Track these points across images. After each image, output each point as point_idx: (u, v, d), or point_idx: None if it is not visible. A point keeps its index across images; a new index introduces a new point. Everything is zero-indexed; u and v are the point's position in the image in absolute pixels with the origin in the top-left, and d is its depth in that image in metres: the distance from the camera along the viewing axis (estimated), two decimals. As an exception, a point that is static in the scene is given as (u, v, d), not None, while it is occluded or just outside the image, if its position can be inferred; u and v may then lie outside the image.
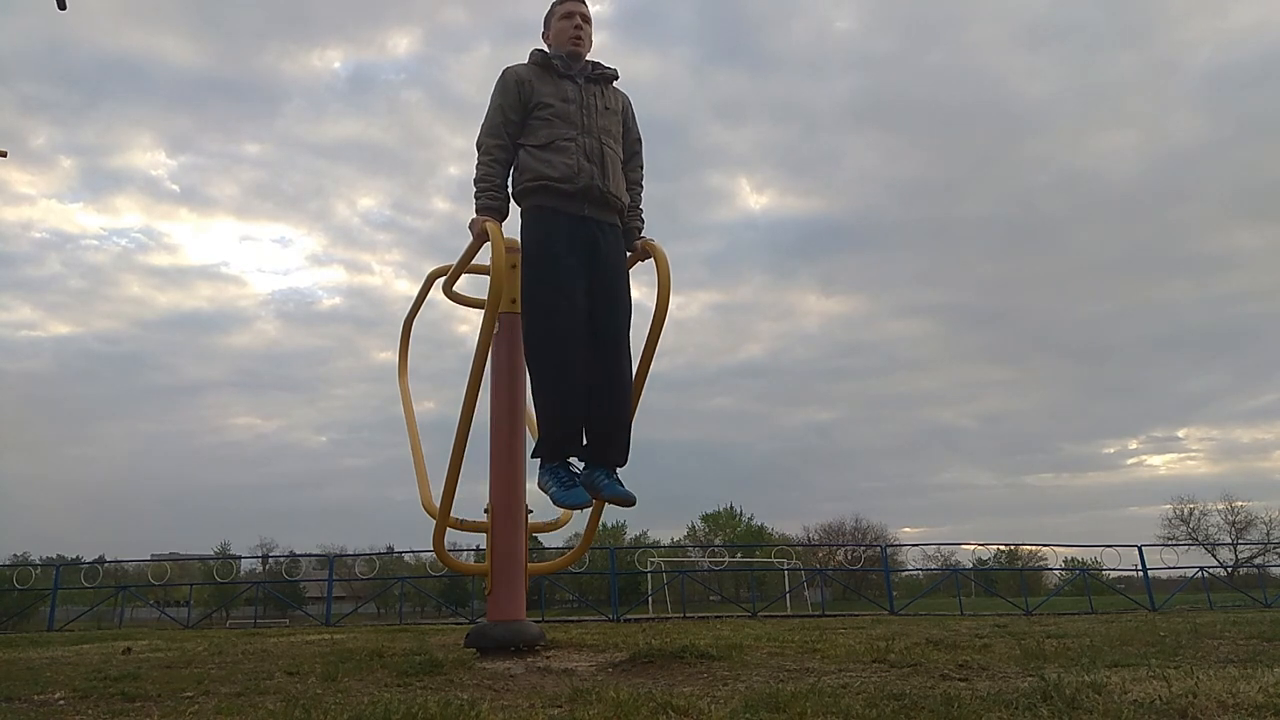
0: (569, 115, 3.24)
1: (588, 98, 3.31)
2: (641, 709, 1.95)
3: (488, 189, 3.26)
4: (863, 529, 48.65)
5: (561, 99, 3.26)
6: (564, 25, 3.37)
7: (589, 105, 3.29)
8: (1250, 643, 3.63)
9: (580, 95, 3.30)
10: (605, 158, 3.25)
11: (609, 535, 42.16)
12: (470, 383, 3.16)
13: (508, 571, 3.55)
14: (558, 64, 3.33)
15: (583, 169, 3.18)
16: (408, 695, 2.34)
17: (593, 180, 3.19)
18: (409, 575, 24.93)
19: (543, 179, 3.18)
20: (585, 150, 3.21)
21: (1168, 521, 45.15)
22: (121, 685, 2.70)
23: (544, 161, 3.18)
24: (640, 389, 3.33)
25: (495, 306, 3.06)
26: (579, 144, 3.21)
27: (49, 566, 20.03)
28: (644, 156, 3.60)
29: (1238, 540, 42.15)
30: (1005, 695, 2.05)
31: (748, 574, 27.92)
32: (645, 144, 3.59)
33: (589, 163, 3.20)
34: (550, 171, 3.17)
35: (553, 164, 3.17)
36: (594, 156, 3.22)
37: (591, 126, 3.26)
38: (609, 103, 3.38)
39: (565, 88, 3.29)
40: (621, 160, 3.38)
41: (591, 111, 3.29)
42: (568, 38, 3.36)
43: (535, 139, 3.24)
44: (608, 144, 3.29)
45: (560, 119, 3.23)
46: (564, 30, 3.37)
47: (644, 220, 3.53)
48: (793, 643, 3.89)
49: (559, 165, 3.17)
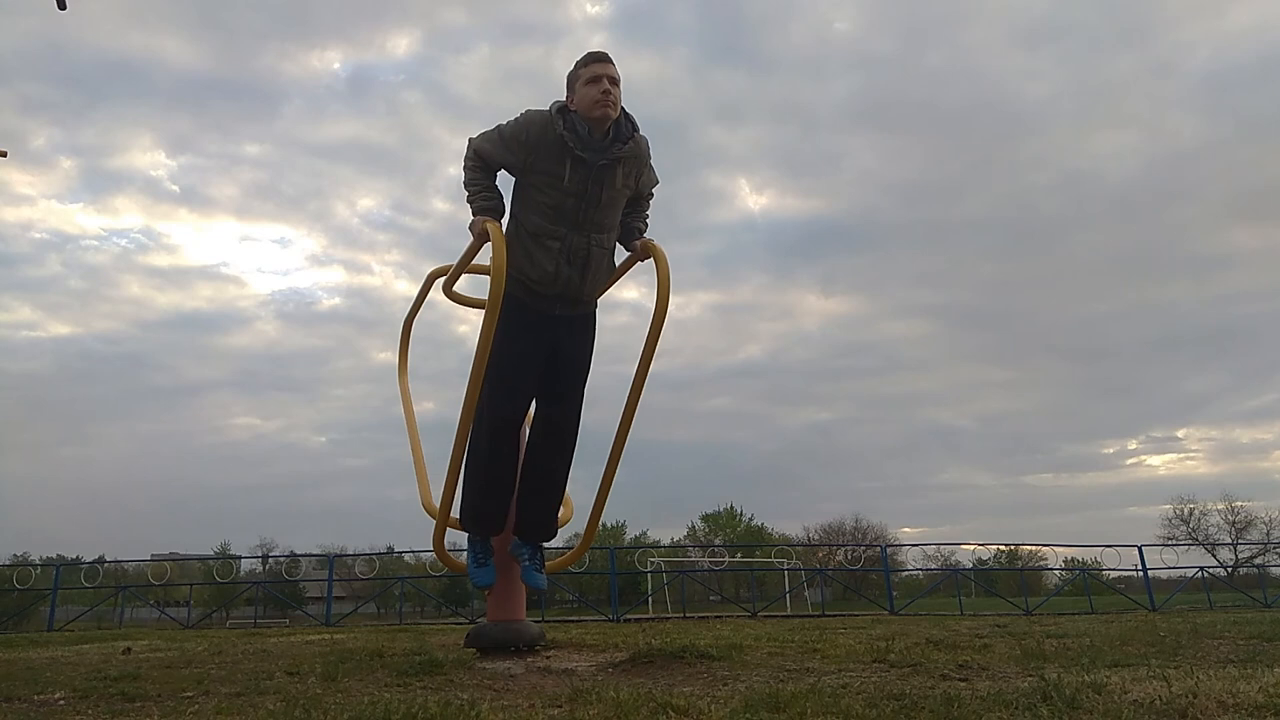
0: (564, 211, 3.16)
1: (592, 189, 3.15)
2: (641, 709, 1.95)
3: (480, 191, 3.26)
4: (863, 529, 48.66)
5: (562, 191, 3.13)
6: (589, 92, 3.09)
7: (589, 198, 3.16)
8: (1250, 643, 3.63)
9: (585, 186, 3.14)
10: (590, 258, 3.23)
11: (609, 535, 42.16)
12: (471, 383, 3.16)
13: (507, 572, 3.55)
14: (573, 145, 3.10)
15: (560, 275, 3.20)
16: (408, 695, 2.34)
17: (568, 287, 3.24)
18: (409, 575, 24.93)
19: (521, 275, 3.21)
20: (570, 252, 3.19)
21: (1168, 521, 45.19)
22: (121, 685, 2.70)
23: (526, 256, 3.19)
24: (639, 390, 3.33)
25: (495, 307, 3.06)
26: (565, 244, 3.18)
27: (49, 566, 20.02)
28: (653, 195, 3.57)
29: (1238, 540, 42.19)
30: (1005, 695, 2.05)
31: (748, 574, 27.92)
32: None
33: (569, 267, 3.20)
34: (530, 271, 3.20)
35: (534, 262, 3.19)
36: (577, 259, 3.21)
37: (585, 223, 3.19)
38: (615, 190, 3.23)
39: (572, 179, 3.12)
40: (609, 251, 3.35)
41: (592, 205, 3.18)
42: (592, 103, 3.09)
43: (526, 218, 3.21)
44: (596, 242, 3.24)
45: (555, 212, 3.16)
46: (588, 97, 3.10)
47: (648, 223, 3.53)
48: (793, 643, 3.89)
49: (539, 266, 3.19)
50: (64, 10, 4.41)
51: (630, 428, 3.38)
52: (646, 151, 3.31)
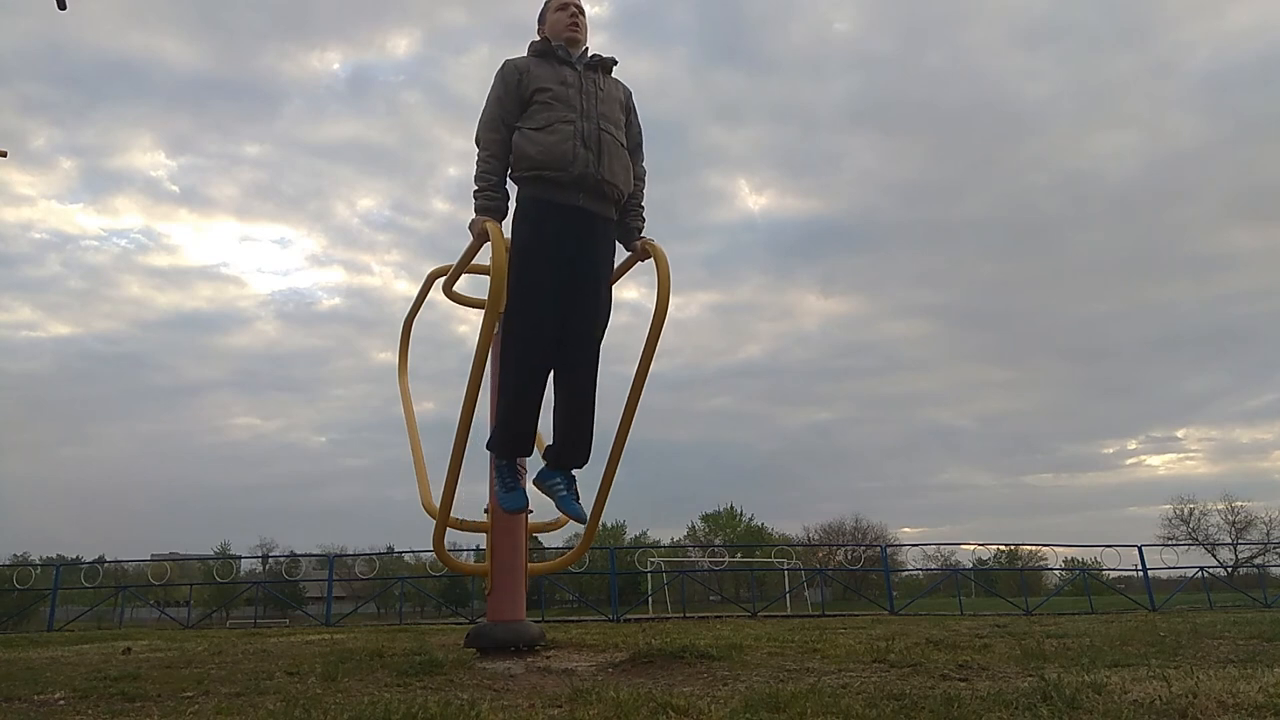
0: (568, 98, 3.21)
1: (587, 83, 3.28)
2: (641, 709, 1.95)
3: (486, 188, 3.24)
4: (863, 529, 48.63)
5: (560, 83, 3.24)
6: (559, 17, 3.38)
7: (588, 90, 3.27)
8: (1250, 643, 3.63)
9: (579, 80, 3.28)
10: (603, 144, 3.21)
11: (609, 535, 42.14)
12: (470, 383, 3.16)
13: (508, 571, 3.55)
14: (558, 51, 3.33)
15: (578, 155, 3.14)
16: (408, 695, 2.34)
17: (588, 168, 3.14)
18: (409, 575, 24.90)
19: (537, 167, 3.15)
20: (583, 135, 3.17)
21: (1168, 521, 45.16)
22: (121, 685, 2.70)
23: (539, 146, 3.15)
24: (640, 389, 3.33)
25: (495, 307, 3.05)
26: (576, 128, 3.17)
27: (49, 566, 20.00)
28: (644, 152, 3.56)
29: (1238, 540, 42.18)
30: (1005, 695, 2.05)
31: (748, 574, 27.91)
32: (645, 144, 3.57)
33: (585, 149, 3.16)
34: (544, 157, 3.13)
35: (548, 149, 3.14)
36: (591, 142, 3.18)
37: (590, 111, 3.23)
38: (609, 89, 3.36)
39: (564, 73, 3.27)
40: (623, 147, 3.33)
41: (591, 97, 3.26)
42: (564, 27, 3.36)
43: (533, 122, 3.22)
44: (607, 129, 3.24)
45: (559, 101, 3.21)
46: (559, 21, 3.37)
47: (644, 219, 3.51)
48: (793, 643, 3.89)
49: (554, 151, 3.13)
50: (64, 10, 4.41)
51: (630, 428, 3.38)
52: (630, 95, 3.49)
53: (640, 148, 3.52)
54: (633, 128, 3.48)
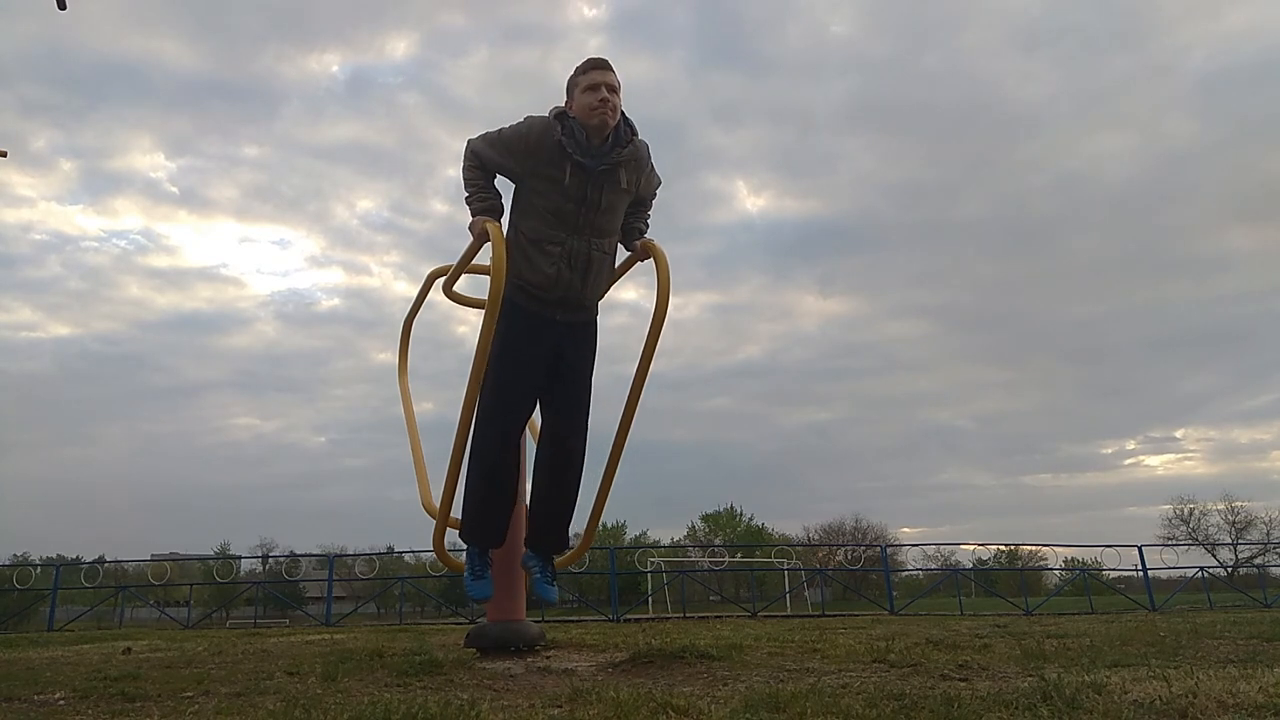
0: (564, 216, 3.14)
1: (592, 194, 3.15)
2: (641, 709, 1.95)
3: (477, 191, 3.25)
4: (863, 529, 48.65)
5: (563, 196, 3.12)
6: (588, 100, 3.09)
7: (589, 203, 3.16)
8: (1250, 643, 3.63)
9: (584, 192, 3.14)
10: (590, 263, 3.21)
11: (609, 535, 42.14)
12: (471, 383, 3.16)
13: (508, 571, 3.55)
14: (572, 150, 3.10)
15: (561, 279, 3.16)
16: (408, 695, 2.34)
17: (569, 291, 3.19)
18: (409, 575, 24.91)
19: (521, 278, 3.18)
20: (570, 256, 3.16)
21: (1168, 521, 45.18)
22: (121, 685, 2.69)
23: (527, 262, 3.17)
24: (640, 390, 3.33)
25: (495, 307, 3.06)
26: (565, 249, 3.15)
27: (49, 566, 20.00)
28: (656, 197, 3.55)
29: (1238, 540, 42.17)
30: (1005, 695, 2.05)
31: (748, 574, 27.91)
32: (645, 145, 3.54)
33: (570, 271, 3.17)
34: (531, 276, 3.17)
35: (535, 267, 3.16)
36: (578, 263, 3.18)
37: (584, 227, 3.17)
38: (616, 194, 3.22)
39: (571, 186, 3.12)
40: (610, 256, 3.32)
41: (590, 211, 3.16)
42: (591, 110, 3.09)
43: (525, 224, 3.19)
44: (596, 246, 3.21)
45: (555, 216, 3.14)
46: (587, 104, 3.09)
47: (649, 224, 3.52)
48: (793, 643, 3.89)
49: (540, 271, 3.15)
50: (64, 10, 4.41)
51: (630, 428, 3.38)
52: (647, 155, 3.31)
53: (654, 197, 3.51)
54: (651, 180, 3.42)
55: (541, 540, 3.41)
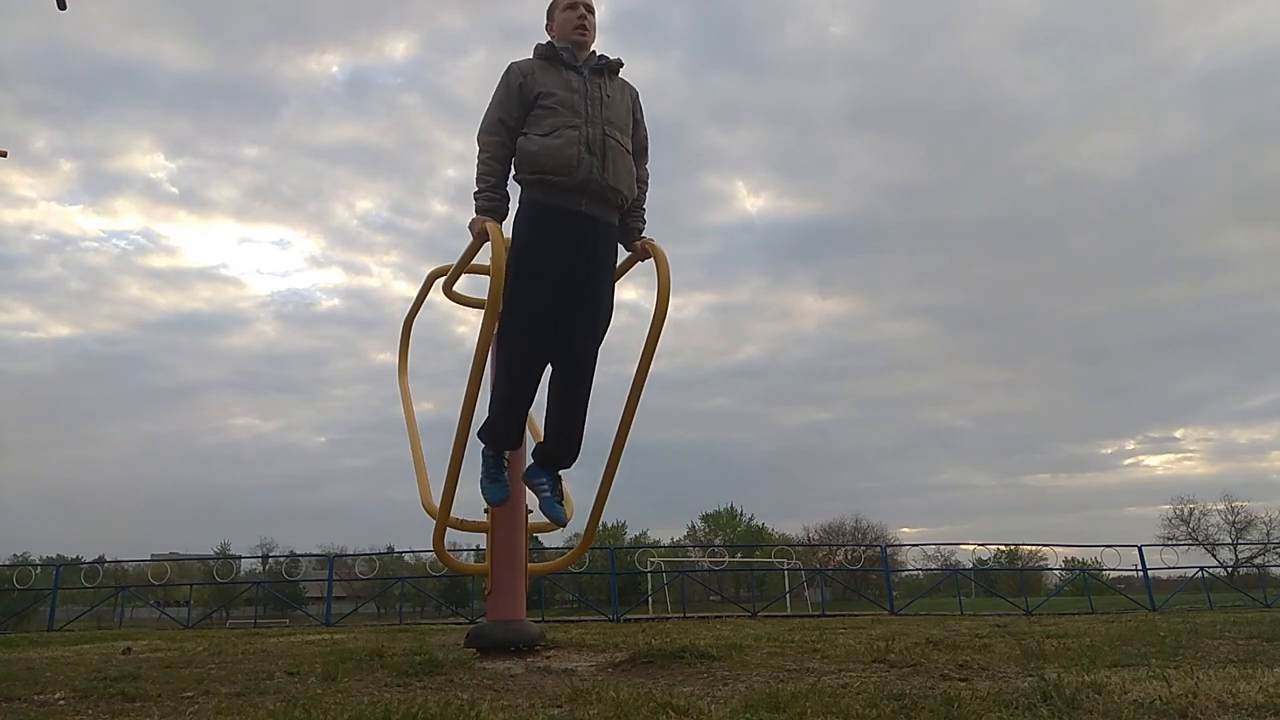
0: (573, 104, 3.19)
1: (592, 88, 3.26)
2: (641, 709, 1.95)
3: (486, 189, 3.23)
4: (863, 529, 48.61)
5: (565, 88, 3.22)
6: (568, 16, 3.35)
7: (593, 96, 3.24)
8: (1250, 643, 3.63)
9: (585, 85, 3.25)
10: (608, 149, 3.19)
11: (609, 535, 42.13)
12: (470, 383, 3.16)
13: (508, 571, 3.55)
14: (563, 54, 3.30)
15: (582, 160, 3.13)
16: (408, 695, 2.34)
17: (591, 173, 3.12)
18: (409, 575, 24.90)
19: (540, 171, 3.14)
20: (587, 140, 3.16)
21: (1168, 521, 45.16)
22: (121, 685, 2.70)
23: (543, 150, 3.14)
24: (640, 390, 3.33)
25: (495, 307, 3.05)
26: (581, 133, 3.16)
27: (49, 566, 19.99)
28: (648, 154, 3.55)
29: (1238, 540, 42.16)
30: (1005, 695, 2.05)
31: (748, 574, 27.91)
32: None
33: (589, 154, 3.14)
34: (548, 162, 3.11)
35: (552, 154, 3.12)
36: (596, 147, 3.17)
37: (595, 116, 3.20)
38: (615, 94, 3.33)
39: (569, 77, 3.25)
40: (628, 152, 3.31)
41: (596, 102, 3.23)
42: (571, 28, 3.33)
43: (538, 128, 3.20)
44: (612, 134, 3.23)
45: (564, 107, 3.19)
46: (568, 21, 3.34)
47: (645, 220, 3.51)
48: (793, 643, 3.89)
49: (558, 156, 3.12)
50: (64, 10, 4.40)
51: (630, 428, 3.38)
52: (636, 96, 3.47)
53: (645, 151, 3.51)
54: (639, 131, 3.46)
55: (552, 452, 3.32)
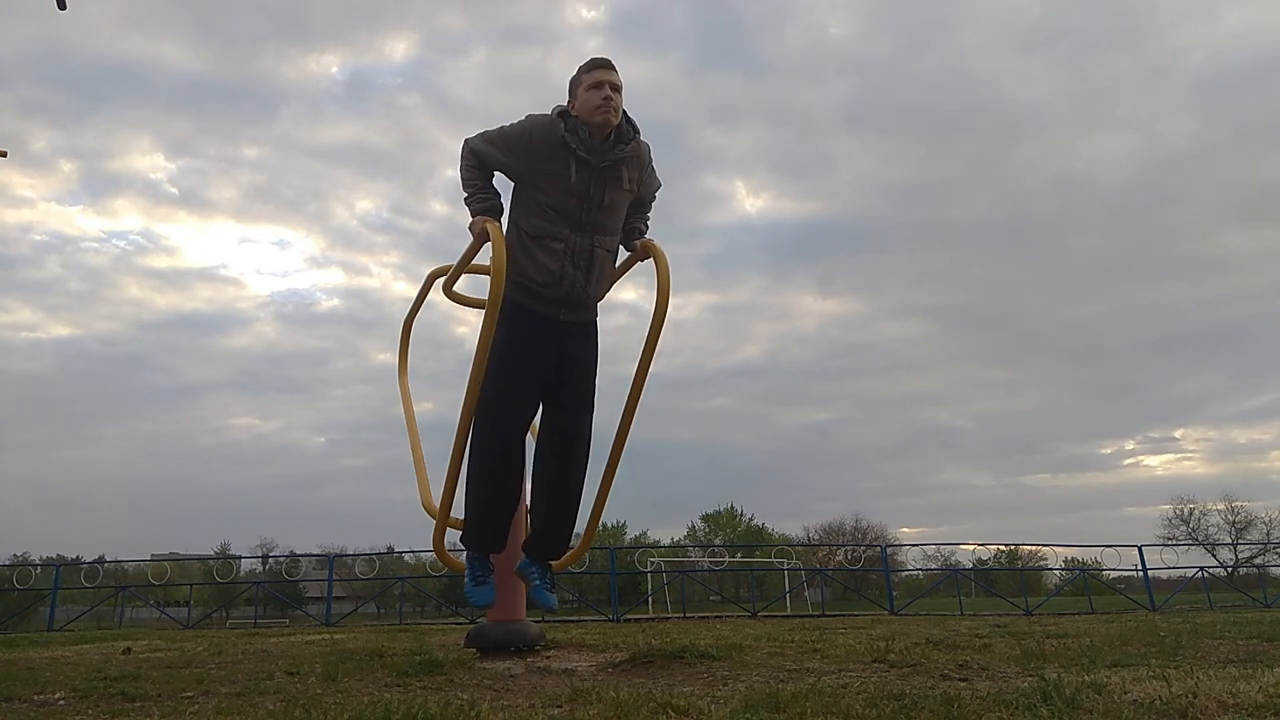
0: (567, 212, 3.13)
1: (595, 190, 3.15)
2: (641, 709, 1.95)
3: (476, 191, 3.24)
4: (863, 529, 48.67)
5: (566, 191, 3.12)
6: (591, 97, 3.12)
7: (592, 200, 3.15)
8: (1250, 643, 3.63)
9: (587, 188, 3.14)
10: (594, 259, 3.19)
11: (609, 535, 42.14)
12: (471, 383, 3.16)
13: (508, 571, 3.55)
14: (576, 146, 3.10)
15: (565, 275, 3.14)
16: (408, 695, 2.34)
17: (573, 288, 3.16)
18: (409, 575, 24.91)
19: (524, 277, 3.16)
20: (573, 253, 3.15)
21: (1168, 521, 45.20)
22: (121, 685, 2.70)
23: (529, 259, 3.15)
24: (640, 390, 3.33)
25: (495, 307, 3.05)
26: (569, 245, 3.14)
27: (49, 566, 20.00)
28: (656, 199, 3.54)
29: (1238, 540, 42.18)
30: (1005, 695, 2.05)
31: (748, 574, 27.92)
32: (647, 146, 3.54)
33: (574, 268, 3.15)
34: (534, 274, 3.14)
35: (537, 265, 3.13)
36: (581, 260, 3.17)
37: (587, 224, 3.16)
38: (618, 192, 3.22)
39: (573, 180, 3.12)
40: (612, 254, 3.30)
41: (593, 208, 3.16)
42: (594, 110, 3.10)
43: (527, 221, 3.17)
44: (599, 244, 3.20)
45: (557, 212, 3.13)
46: (590, 102, 3.11)
47: (649, 224, 3.52)
48: (793, 643, 3.89)
49: (543, 268, 3.13)
50: (64, 10, 4.40)
51: (630, 428, 3.38)
52: (648, 155, 3.32)
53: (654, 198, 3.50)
54: (651, 181, 3.41)
55: (541, 545, 3.36)
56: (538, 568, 3.36)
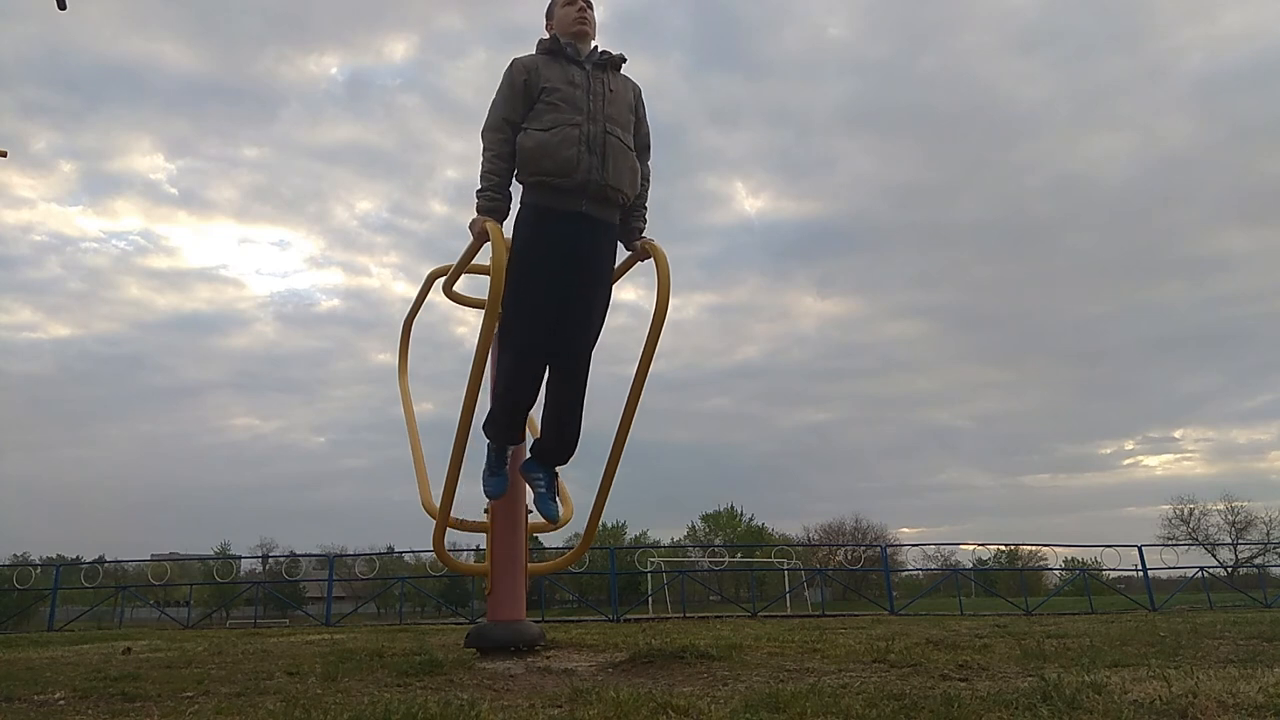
0: (575, 100, 3.16)
1: (595, 83, 3.23)
2: (641, 709, 1.95)
3: (489, 188, 3.22)
4: (863, 529, 48.61)
5: (568, 83, 3.19)
6: (567, 12, 3.32)
7: (596, 91, 3.21)
8: (1250, 643, 3.63)
9: (588, 80, 3.22)
10: (609, 147, 3.17)
11: (609, 535, 42.13)
12: (470, 383, 3.16)
13: (508, 571, 3.55)
14: (567, 49, 3.27)
15: (582, 160, 3.10)
16: (408, 695, 2.34)
17: (591, 174, 3.10)
18: (409, 575, 24.89)
19: (540, 173, 3.12)
20: (588, 139, 3.12)
21: (1168, 521, 45.18)
22: (121, 685, 2.70)
23: (542, 149, 3.11)
24: (640, 390, 3.33)
25: (495, 307, 3.05)
26: (583, 131, 3.12)
27: (49, 566, 20.00)
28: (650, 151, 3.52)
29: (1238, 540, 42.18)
30: (1005, 695, 2.05)
31: (748, 574, 27.91)
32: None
33: (590, 153, 3.11)
34: (547, 164, 3.09)
35: (550, 153, 3.09)
36: (596, 146, 3.15)
37: (597, 113, 3.18)
38: (617, 89, 3.30)
39: (572, 72, 3.22)
40: (629, 149, 3.29)
41: (599, 97, 3.20)
42: (572, 22, 3.31)
43: (538, 123, 3.18)
44: (613, 132, 3.20)
45: (566, 103, 3.15)
46: (568, 16, 3.32)
47: (646, 220, 3.51)
48: (793, 643, 3.89)
49: (558, 155, 3.09)
50: (64, 10, 4.40)
51: (630, 428, 3.38)
52: (639, 92, 3.44)
53: (648, 149, 3.49)
54: (641, 128, 3.44)
55: (549, 447, 3.35)
56: (545, 474, 3.37)
